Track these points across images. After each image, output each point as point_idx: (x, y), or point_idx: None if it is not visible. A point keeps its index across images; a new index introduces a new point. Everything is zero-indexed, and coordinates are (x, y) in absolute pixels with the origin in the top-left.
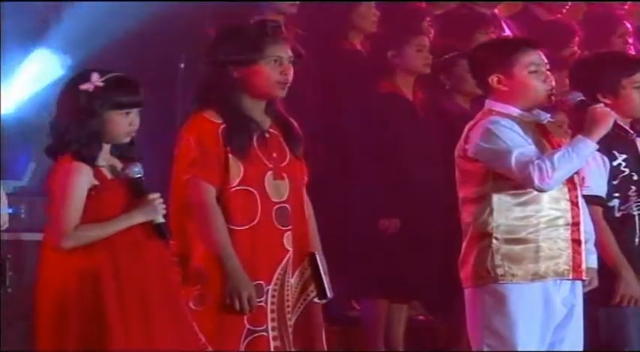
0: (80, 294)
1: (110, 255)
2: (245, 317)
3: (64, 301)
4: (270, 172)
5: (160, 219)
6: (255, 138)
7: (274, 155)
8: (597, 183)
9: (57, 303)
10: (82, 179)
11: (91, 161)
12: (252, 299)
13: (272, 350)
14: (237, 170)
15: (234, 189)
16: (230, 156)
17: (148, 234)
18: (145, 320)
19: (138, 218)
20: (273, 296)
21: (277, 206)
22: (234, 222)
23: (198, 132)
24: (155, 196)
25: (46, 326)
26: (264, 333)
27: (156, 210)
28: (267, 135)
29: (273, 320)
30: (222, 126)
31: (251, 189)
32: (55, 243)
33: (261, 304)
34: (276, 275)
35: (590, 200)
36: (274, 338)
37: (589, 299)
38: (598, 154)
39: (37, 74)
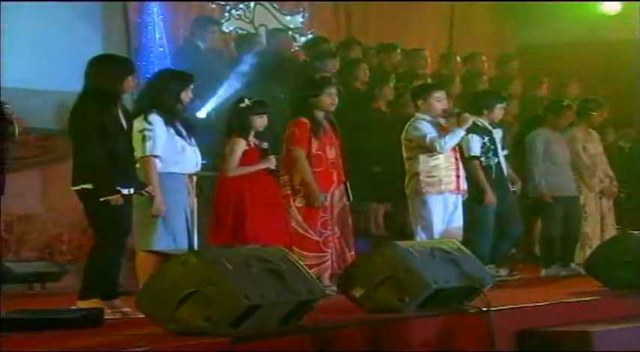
0: (235, 199)
1: (249, 181)
2: (320, 209)
3: (227, 201)
4: (328, 145)
5: (273, 167)
6: (321, 130)
7: (329, 136)
8: (477, 149)
9: (223, 202)
10: (240, 147)
11: (245, 138)
12: (323, 202)
13: (328, 228)
14: (315, 144)
15: (313, 153)
16: (312, 137)
17: (267, 174)
18: (264, 214)
19: (263, 166)
20: (329, 201)
21: (331, 161)
22: (314, 167)
23: (298, 127)
24: (272, 157)
25: (216, 213)
26: (328, 218)
27: (272, 163)
28: (326, 127)
29: (328, 212)
30: (309, 124)
31: (321, 153)
32: (225, 174)
33: (326, 204)
34: (330, 190)
35: (474, 158)
36: (329, 220)
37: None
38: (477, 136)
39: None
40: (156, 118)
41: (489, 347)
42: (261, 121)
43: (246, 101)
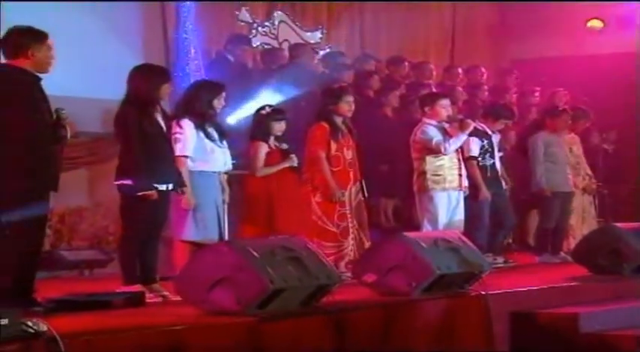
0: (264, 197)
1: (275, 179)
2: (337, 204)
3: (257, 199)
4: (345, 147)
5: (294, 165)
6: (339, 133)
7: (347, 139)
8: (475, 150)
9: (253, 200)
10: (262, 149)
11: (265, 141)
12: (340, 197)
13: (346, 221)
14: (334, 146)
15: (332, 154)
16: (331, 140)
17: (290, 171)
18: (291, 209)
19: (286, 164)
20: (347, 196)
21: (348, 161)
22: (333, 166)
23: (319, 131)
24: (293, 156)
25: (247, 211)
26: (346, 212)
27: (293, 161)
28: (344, 131)
29: (346, 206)
30: (328, 128)
31: (339, 154)
32: (252, 174)
33: (343, 199)
34: (348, 187)
35: (472, 158)
36: (348, 213)
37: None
38: (477, 139)
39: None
40: (186, 123)
41: (486, 326)
42: (279, 126)
43: (267, 108)
